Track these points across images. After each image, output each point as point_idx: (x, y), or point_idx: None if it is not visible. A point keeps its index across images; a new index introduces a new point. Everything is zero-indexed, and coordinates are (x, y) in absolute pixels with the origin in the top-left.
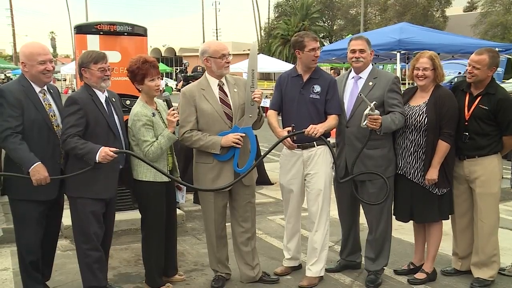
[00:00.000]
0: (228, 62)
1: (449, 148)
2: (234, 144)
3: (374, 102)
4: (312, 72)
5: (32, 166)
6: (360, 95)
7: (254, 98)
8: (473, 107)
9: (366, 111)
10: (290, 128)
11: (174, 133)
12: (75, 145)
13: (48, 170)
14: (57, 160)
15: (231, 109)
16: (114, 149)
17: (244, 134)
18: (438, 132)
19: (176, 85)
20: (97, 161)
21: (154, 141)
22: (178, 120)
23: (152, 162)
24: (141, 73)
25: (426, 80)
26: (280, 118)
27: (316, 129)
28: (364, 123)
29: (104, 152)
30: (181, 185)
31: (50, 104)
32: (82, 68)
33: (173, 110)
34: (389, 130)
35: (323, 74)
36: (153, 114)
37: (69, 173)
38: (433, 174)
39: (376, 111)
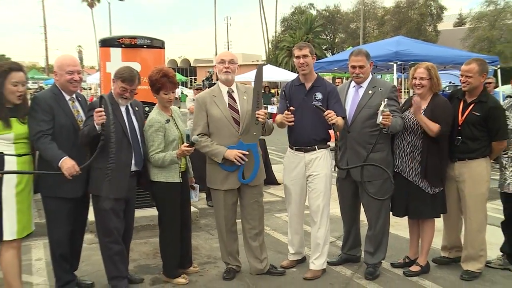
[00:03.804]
0: (226, 68)
1: (436, 127)
2: (235, 160)
3: (386, 99)
4: (314, 81)
5: (61, 160)
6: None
7: (258, 118)
8: (466, 113)
9: (381, 108)
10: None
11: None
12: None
13: None
14: (83, 160)
15: (239, 114)
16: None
17: (247, 153)
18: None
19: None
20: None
21: (160, 150)
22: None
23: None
24: (157, 85)
25: (423, 88)
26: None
27: (334, 116)
28: (380, 120)
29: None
30: (194, 185)
31: (78, 111)
32: (113, 78)
33: (192, 148)
34: (395, 130)
35: (325, 83)
36: (167, 121)
37: (92, 171)
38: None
39: (387, 109)
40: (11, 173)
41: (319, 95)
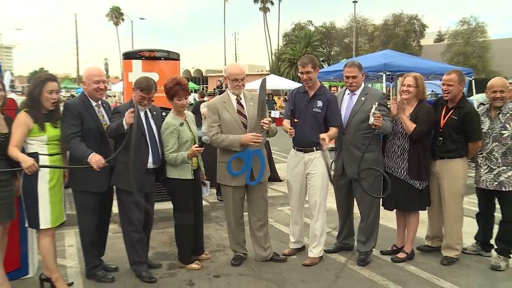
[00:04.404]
0: (239, 85)
1: (412, 126)
2: (251, 143)
3: (377, 102)
4: (317, 90)
5: (89, 156)
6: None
7: (263, 126)
8: (447, 117)
9: (373, 110)
10: (291, 122)
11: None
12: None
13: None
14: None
15: (246, 118)
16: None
17: (260, 136)
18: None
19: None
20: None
21: (174, 150)
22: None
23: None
24: (171, 92)
25: (410, 94)
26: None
27: (326, 142)
28: (371, 121)
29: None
30: (205, 181)
31: (103, 115)
32: (132, 87)
33: (202, 148)
34: (385, 131)
35: (326, 92)
36: (181, 124)
37: (115, 165)
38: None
39: (378, 111)
40: (48, 167)
41: (319, 103)
